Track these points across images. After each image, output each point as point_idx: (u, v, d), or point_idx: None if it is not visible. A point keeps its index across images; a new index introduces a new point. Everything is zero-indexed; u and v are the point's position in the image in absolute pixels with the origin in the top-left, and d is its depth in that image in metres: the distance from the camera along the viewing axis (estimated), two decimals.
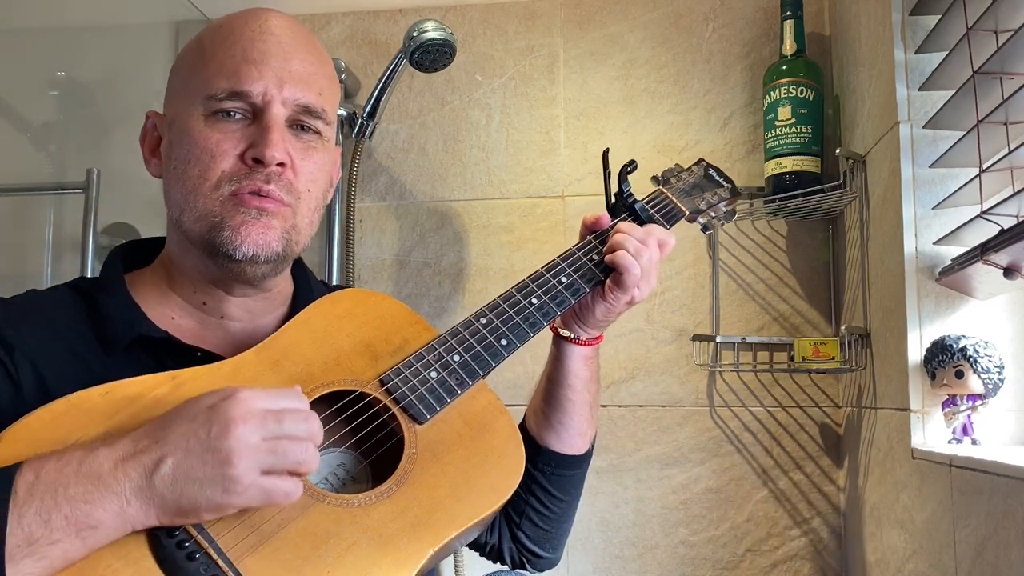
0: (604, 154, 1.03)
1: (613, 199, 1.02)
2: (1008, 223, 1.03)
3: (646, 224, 0.97)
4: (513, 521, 0.98)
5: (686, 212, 1.04)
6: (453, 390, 0.82)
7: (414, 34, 1.57)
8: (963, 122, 1.18)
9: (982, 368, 1.13)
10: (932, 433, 1.22)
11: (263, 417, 0.65)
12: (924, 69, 1.27)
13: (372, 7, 1.94)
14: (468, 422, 0.82)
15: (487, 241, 1.85)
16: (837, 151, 1.52)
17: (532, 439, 0.97)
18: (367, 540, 0.70)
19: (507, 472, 0.80)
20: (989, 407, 1.17)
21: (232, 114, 0.80)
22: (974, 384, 1.14)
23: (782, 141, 1.61)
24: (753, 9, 1.80)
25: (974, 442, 1.16)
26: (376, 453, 0.81)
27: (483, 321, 0.88)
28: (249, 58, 0.80)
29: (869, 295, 1.48)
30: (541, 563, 1.01)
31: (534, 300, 0.90)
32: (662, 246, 0.93)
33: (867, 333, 1.48)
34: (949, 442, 1.20)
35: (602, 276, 0.92)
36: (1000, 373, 1.15)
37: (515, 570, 1.03)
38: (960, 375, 1.15)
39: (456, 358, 0.84)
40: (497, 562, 1.02)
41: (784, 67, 1.64)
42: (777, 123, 1.62)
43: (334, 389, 0.80)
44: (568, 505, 1.00)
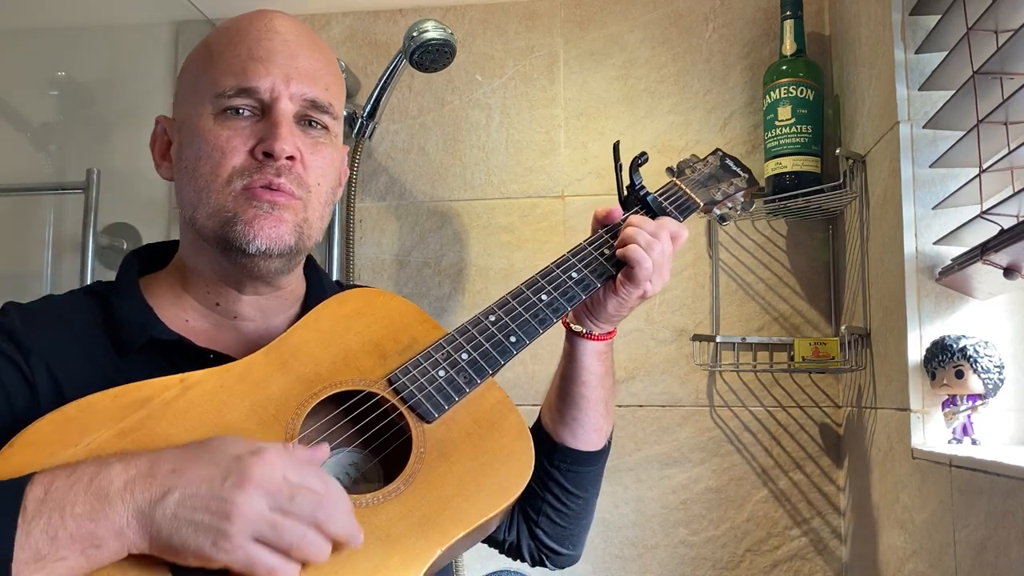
0: (615, 146, 1.01)
1: (625, 192, 1.01)
2: (1008, 223, 1.03)
3: (659, 217, 0.96)
4: (531, 519, 0.98)
5: (700, 204, 1.03)
6: (461, 388, 0.82)
7: (414, 34, 1.57)
8: (963, 122, 1.18)
9: (982, 368, 1.13)
10: (932, 433, 1.22)
11: (278, 488, 0.63)
12: (924, 69, 1.27)
13: (372, 7, 1.94)
14: (477, 420, 0.82)
15: (487, 241, 1.85)
16: (837, 151, 1.52)
17: (548, 436, 0.97)
18: (375, 540, 0.70)
19: (516, 471, 0.80)
20: (989, 407, 1.17)
21: (241, 111, 0.81)
22: (974, 384, 1.14)
23: (782, 141, 1.61)
24: (753, 9, 1.80)
25: (974, 442, 1.16)
26: (385, 452, 0.81)
27: (492, 318, 0.87)
28: (256, 56, 0.81)
29: (869, 295, 1.48)
30: (561, 560, 1.01)
31: (544, 296, 0.89)
32: (675, 238, 0.93)
33: (867, 333, 1.48)
34: (949, 442, 1.20)
35: (613, 271, 0.92)
36: (1000, 373, 1.15)
37: (535, 565, 1.02)
38: (960, 375, 1.15)
39: (464, 356, 0.84)
40: (517, 559, 1.01)
41: (784, 67, 1.64)
42: (777, 123, 1.62)
43: (342, 389, 0.80)
44: (586, 502, 0.99)
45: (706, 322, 1.75)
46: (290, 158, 0.80)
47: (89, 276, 1.68)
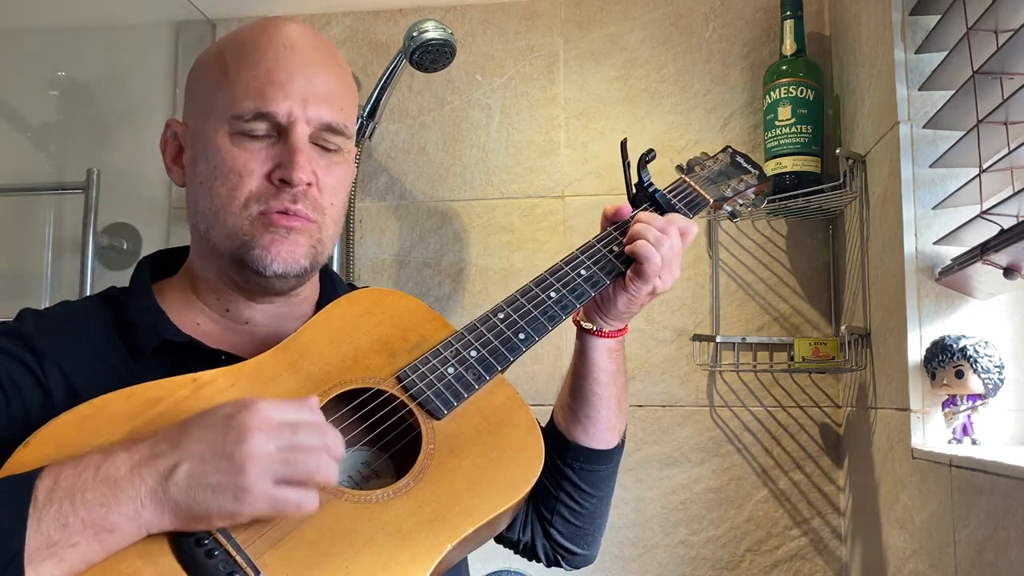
0: (622, 144, 1.01)
1: (634, 189, 1.00)
2: (1008, 223, 1.03)
3: (667, 213, 0.96)
4: (545, 518, 0.98)
5: (710, 200, 1.02)
6: (470, 385, 0.82)
7: (414, 34, 1.57)
8: (963, 122, 1.18)
9: (982, 368, 1.13)
10: (932, 433, 1.22)
11: (279, 428, 0.66)
12: (924, 69, 1.27)
13: (372, 7, 1.94)
14: (486, 417, 0.82)
15: (487, 241, 1.85)
16: (837, 151, 1.52)
17: (561, 435, 0.97)
18: (384, 536, 0.71)
19: (526, 466, 0.80)
20: (989, 407, 1.17)
21: (257, 133, 0.81)
22: (974, 384, 1.14)
23: (782, 141, 1.61)
24: (753, 9, 1.80)
25: (974, 442, 1.16)
26: (394, 448, 0.81)
27: (500, 316, 0.87)
28: (274, 79, 0.81)
29: (869, 295, 1.48)
30: (576, 560, 1.01)
31: (553, 293, 0.89)
32: (684, 234, 0.92)
33: (867, 333, 1.48)
34: (949, 442, 1.20)
35: (623, 267, 0.91)
36: (1000, 373, 1.15)
37: (550, 566, 1.02)
38: (960, 375, 1.15)
39: (473, 353, 0.84)
40: (532, 560, 1.01)
41: (784, 67, 1.64)
42: (777, 123, 1.62)
43: (352, 387, 0.80)
44: (600, 500, 0.99)
45: (706, 322, 1.75)
46: (307, 184, 0.82)
47: (89, 276, 1.68)
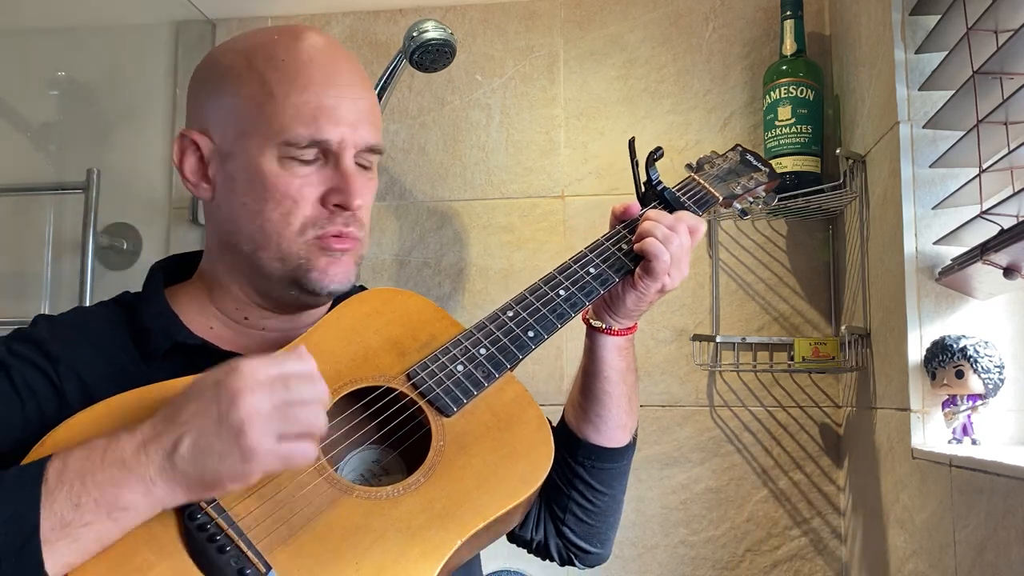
0: (630, 143, 1.01)
1: (642, 187, 1.01)
2: (1008, 223, 1.03)
3: (677, 211, 0.96)
4: (557, 517, 0.98)
5: (719, 198, 1.03)
6: (480, 382, 0.82)
7: (414, 34, 1.57)
8: (963, 122, 1.18)
9: (982, 368, 1.13)
10: (932, 433, 1.22)
11: (270, 384, 0.66)
12: (924, 69, 1.27)
13: (372, 7, 1.94)
14: (496, 414, 0.82)
15: (487, 241, 1.85)
16: (837, 151, 1.52)
17: (572, 433, 0.97)
18: (394, 532, 0.71)
19: (535, 463, 0.80)
20: (989, 407, 1.17)
21: (306, 158, 0.82)
22: (974, 384, 1.14)
23: (782, 141, 1.61)
24: (753, 9, 1.80)
25: (974, 442, 1.16)
26: (404, 446, 0.82)
27: (510, 314, 0.88)
28: (324, 104, 0.81)
29: (869, 295, 1.48)
30: (589, 559, 1.01)
31: (561, 292, 0.89)
32: (693, 232, 0.92)
33: (867, 333, 1.48)
34: (949, 442, 1.20)
35: (632, 265, 0.92)
36: (1000, 373, 1.15)
37: (563, 564, 1.02)
38: (960, 375, 1.15)
39: (483, 351, 0.84)
40: (545, 559, 1.01)
41: (784, 67, 1.64)
42: (777, 123, 1.62)
43: (362, 386, 0.81)
44: (612, 498, 0.99)
45: (706, 322, 1.75)
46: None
47: (89, 276, 1.68)
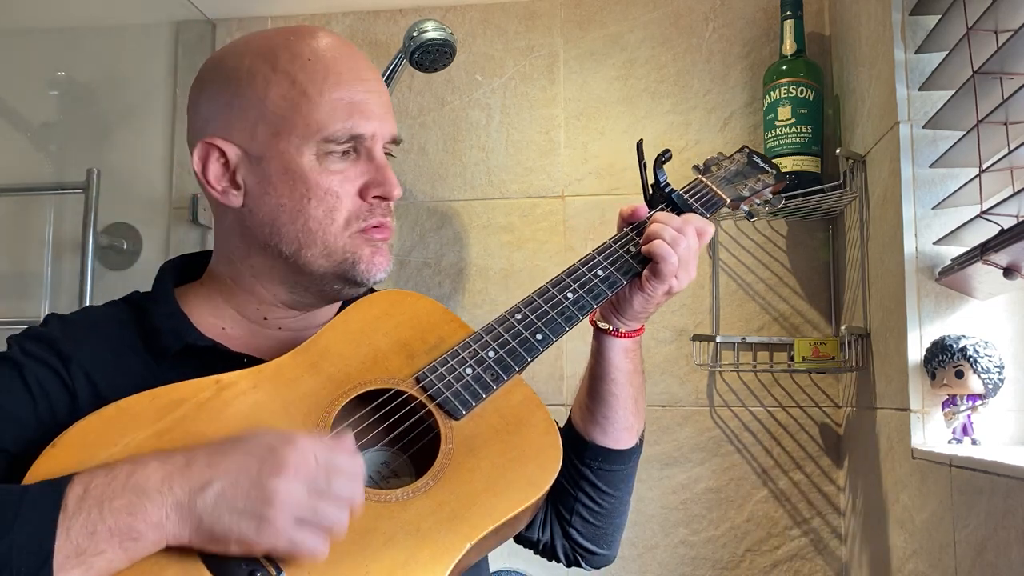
0: (638, 145, 1.01)
1: (650, 190, 1.01)
2: (1008, 223, 1.03)
3: (684, 213, 0.96)
4: (564, 518, 0.98)
5: (727, 200, 1.03)
6: (488, 386, 0.83)
7: (414, 34, 1.57)
8: (963, 122, 1.18)
9: (982, 368, 1.13)
10: (932, 433, 1.22)
11: (315, 472, 0.66)
12: (924, 69, 1.27)
13: (372, 7, 1.94)
14: (504, 417, 0.82)
15: (487, 241, 1.85)
16: (837, 151, 1.52)
17: (579, 435, 0.97)
18: (404, 534, 0.71)
19: (544, 466, 0.80)
20: (989, 407, 1.17)
21: (342, 152, 0.83)
22: (974, 384, 1.14)
23: (782, 141, 1.61)
24: (753, 9, 1.80)
25: (974, 442, 1.16)
26: (413, 449, 0.82)
27: (518, 317, 0.88)
28: (357, 101, 0.83)
29: (869, 295, 1.48)
30: (595, 560, 1.01)
31: (570, 294, 0.89)
32: (701, 234, 0.93)
33: (867, 333, 1.48)
34: (949, 442, 1.20)
35: (639, 268, 0.92)
36: (1000, 373, 1.15)
37: (570, 566, 1.02)
38: (960, 375, 1.15)
39: (491, 354, 0.84)
40: (551, 560, 1.01)
41: (784, 67, 1.64)
42: (777, 123, 1.62)
43: (371, 388, 0.81)
44: (619, 500, 0.99)
45: (706, 322, 1.75)
46: None
47: (89, 276, 1.68)
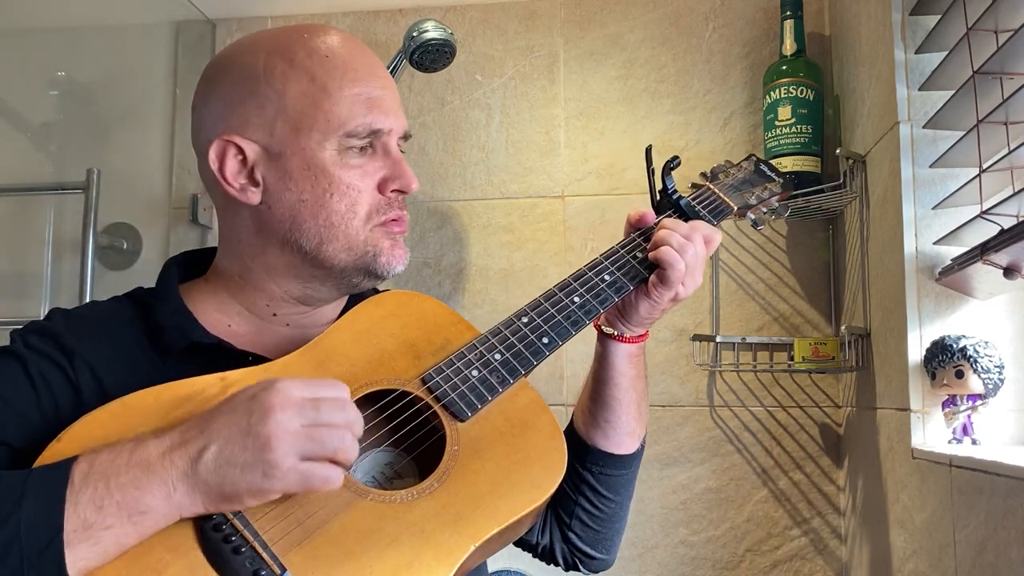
0: (647, 151, 1.02)
1: (657, 196, 1.01)
2: (1008, 223, 1.03)
3: (691, 220, 0.96)
4: (564, 522, 0.98)
5: (734, 208, 1.03)
6: (494, 388, 0.83)
7: (414, 34, 1.57)
8: (963, 122, 1.18)
9: (982, 368, 1.13)
10: (932, 433, 1.22)
11: (301, 405, 0.67)
12: (924, 69, 1.27)
13: (372, 7, 1.94)
14: (510, 419, 0.82)
15: (487, 241, 1.85)
16: (837, 151, 1.52)
17: (580, 439, 0.97)
18: (409, 536, 0.71)
19: (549, 469, 0.80)
20: (989, 407, 1.17)
21: (361, 147, 0.84)
22: (974, 384, 1.14)
23: (782, 141, 1.61)
24: (753, 9, 1.80)
25: (974, 442, 1.16)
26: (419, 450, 0.82)
27: (525, 320, 0.88)
28: (374, 96, 0.84)
29: (869, 295, 1.48)
30: (594, 564, 1.01)
31: (576, 298, 0.89)
32: (708, 242, 0.93)
33: (867, 333, 1.48)
34: (949, 442, 1.20)
35: (646, 273, 0.92)
36: (1000, 373, 1.15)
37: (568, 570, 1.02)
38: (960, 375, 1.15)
39: (497, 356, 0.85)
40: (550, 563, 1.01)
41: (784, 67, 1.64)
42: (777, 123, 1.62)
43: (377, 388, 0.81)
44: (619, 505, 0.99)
45: (706, 322, 1.75)
46: None
47: (89, 276, 1.68)
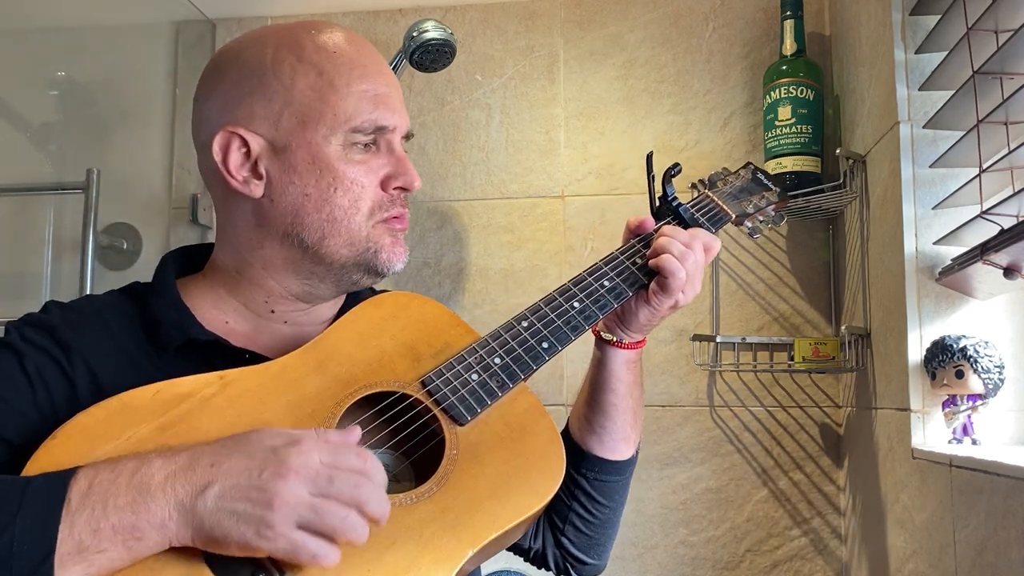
0: (648, 157, 1.02)
1: (657, 202, 1.01)
2: (1008, 223, 1.03)
3: (691, 228, 0.96)
4: (557, 527, 0.98)
5: (732, 216, 1.03)
6: (494, 392, 0.83)
7: (414, 34, 1.57)
8: (963, 122, 1.18)
9: (982, 368, 1.13)
10: (932, 433, 1.22)
11: (317, 472, 0.65)
12: (924, 69, 1.27)
13: (372, 7, 1.94)
14: (509, 424, 0.82)
15: (487, 241, 1.85)
16: (837, 151, 1.52)
17: (575, 444, 0.97)
18: (407, 539, 0.71)
19: (548, 474, 0.80)
20: (989, 407, 1.17)
21: (366, 143, 0.84)
22: (974, 384, 1.14)
23: (782, 141, 1.61)
24: (753, 9, 1.80)
25: (974, 442, 1.16)
26: (418, 454, 0.82)
27: (524, 324, 0.88)
28: (381, 93, 0.84)
29: (869, 295, 1.48)
30: (585, 569, 1.01)
31: (576, 303, 0.90)
32: (708, 250, 0.93)
33: (867, 333, 1.48)
34: (949, 442, 1.20)
35: (645, 280, 0.92)
36: (1000, 373, 1.15)
37: (559, 574, 1.02)
38: (960, 375, 1.15)
39: (497, 360, 0.85)
40: (541, 567, 1.01)
41: (784, 67, 1.64)
42: (777, 123, 1.62)
43: (377, 390, 0.81)
44: (612, 511, 0.99)
45: (706, 322, 1.75)
46: None
47: (89, 276, 1.68)
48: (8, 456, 0.70)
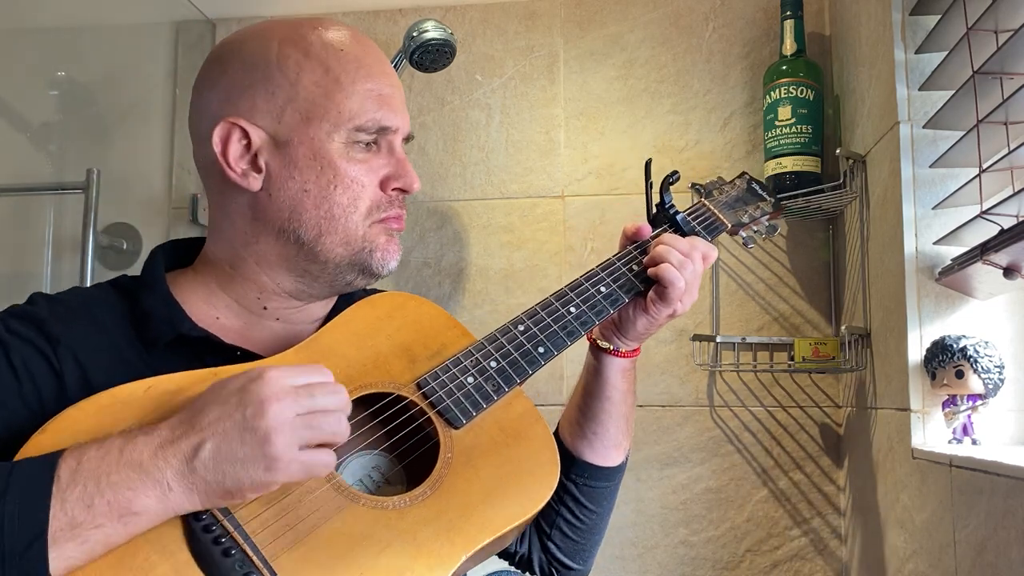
0: (647, 164, 1.02)
1: (655, 209, 1.02)
2: (1008, 223, 1.03)
3: (688, 236, 0.96)
4: (544, 531, 0.98)
5: (728, 225, 1.03)
6: (489, 396, 0.83)
7: (414, 34, 1.57)
8: (963, 122, 1.18)
9: (982, 368, 1.13)
10: (932, 433, 1.22)
11: (295, 394, 0.67)
12: (924, 69, 1.27)
13: (372, 7, 1.94)
14: (504, 429, 0.82)
15: (487, 241, 1.85)
16: (837, 151, 1.52)
17: (566, 449, 0.97)
18: (401, 543, 0.71)
19: (541, 480, 0.80)
20: (989, 407, 1.17)
21: (367, 143, 0.84)
22: (974, 384, 1.14)
23: (782, 141, 1.61)
24: (753, 9, 1.80)
25: (974, 442, 1.16)
26: (411, 456, 0.81)
27: (520, 328, 0.88)
28: (385, 93, 0.84)
29: (869, 295, 1.48)
30: (571, 574, 1.01)
31: (572, 309, 0.90)
32: (705, 259, 0.93)
33: (867, 333, 1.48)
34: (949, 442, 1.20)
35: (641, 287, 0.92)
36: (1000, 373, 1.15)
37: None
38: (960, 375, 1.15)
39: (493, 364, 0.84)
40: (526, 571, 1.01)
41: (784, 67, 1.64)
42: (777, 123, 1.62)
43: (372, 391, 0.80)
44: (600, 517, 0.99)
45: (706, 322, 1.75)
46: None
47: (89, 276, 1.68)
48: None
